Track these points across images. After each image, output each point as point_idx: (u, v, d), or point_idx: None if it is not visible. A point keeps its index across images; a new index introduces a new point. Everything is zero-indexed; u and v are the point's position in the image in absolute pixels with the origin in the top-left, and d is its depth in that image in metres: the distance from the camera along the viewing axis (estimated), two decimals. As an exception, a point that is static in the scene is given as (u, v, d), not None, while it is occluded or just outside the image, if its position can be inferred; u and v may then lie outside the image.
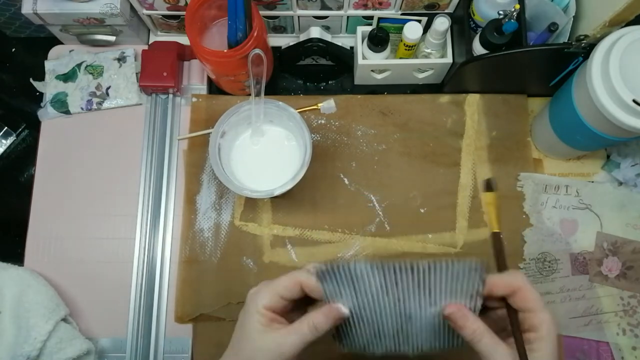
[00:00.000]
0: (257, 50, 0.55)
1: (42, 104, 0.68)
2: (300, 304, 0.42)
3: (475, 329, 0.37)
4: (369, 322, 0.40)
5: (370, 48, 0.63)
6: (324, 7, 0.61)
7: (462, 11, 0.60)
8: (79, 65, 0.68)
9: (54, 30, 0.66)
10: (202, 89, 0.69)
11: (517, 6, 0.54)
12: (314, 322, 0.38)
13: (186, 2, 0.60)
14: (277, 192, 0.55)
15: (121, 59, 0.68)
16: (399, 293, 0.39)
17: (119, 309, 0.62)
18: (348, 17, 0.64)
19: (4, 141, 0.69)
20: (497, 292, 0.38)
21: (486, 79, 0.65)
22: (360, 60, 0.64)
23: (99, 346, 0.60)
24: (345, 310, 0.39)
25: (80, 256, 0.64)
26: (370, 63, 0.64)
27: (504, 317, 0.39)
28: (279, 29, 0.68)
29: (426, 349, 0.42)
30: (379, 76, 0.68)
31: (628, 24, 0.50)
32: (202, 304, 0.61)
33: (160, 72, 0.65)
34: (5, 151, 0.69)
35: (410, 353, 0.43)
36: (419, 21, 0.60)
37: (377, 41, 0.61)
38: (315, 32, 0.65)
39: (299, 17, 0.64)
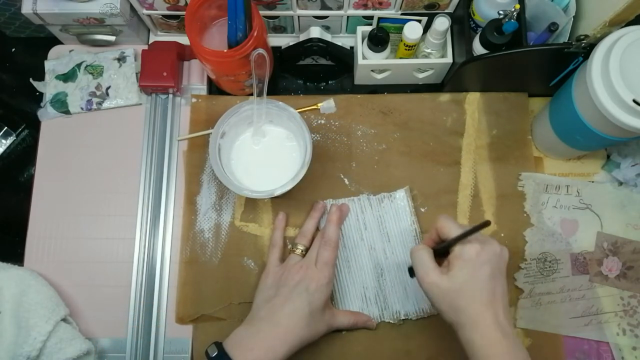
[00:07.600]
0: (260, 50, 0.54)
1: (42, 104, 0.68)
2: None
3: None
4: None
5: (370, 48, 0.63)
6: (324, 7, 0.61)
7: (462, 11, 0.60)
8: (78, 65, 0.68)
9: (54, 30, 0.66)
10: (202, 89, 0.69)
11: (517, 6, 0.54)
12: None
13: (186, 2, 0.60)
14: (277, 193, 0.55)
15: (121, 59, 0.68)
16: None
17: (119, 309, 0.62)
18: (348, 17, 0.64)
19: (4, 141, 0.69)
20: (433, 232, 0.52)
21: (486, 79, 0.65)
22: (360, 60, 0.64)
23: (99, 346, 0.60)
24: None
25: (81, 256, 0.63)
26: (370, 63, 0.64)
27: None
28: (279, 29, 0.68)
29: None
30: (379, 76, 0.68)
31: (628, 24, 0.50)
32: (203, 305, 0.61)
33: (160, 72, 0.65)
34: (5, 151, 0.69)
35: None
36: (419, 21, 0.60)
37: (377, 41, 0.61)
38: (315, 32, 0.65)
39: (299, 17, 0.64)
